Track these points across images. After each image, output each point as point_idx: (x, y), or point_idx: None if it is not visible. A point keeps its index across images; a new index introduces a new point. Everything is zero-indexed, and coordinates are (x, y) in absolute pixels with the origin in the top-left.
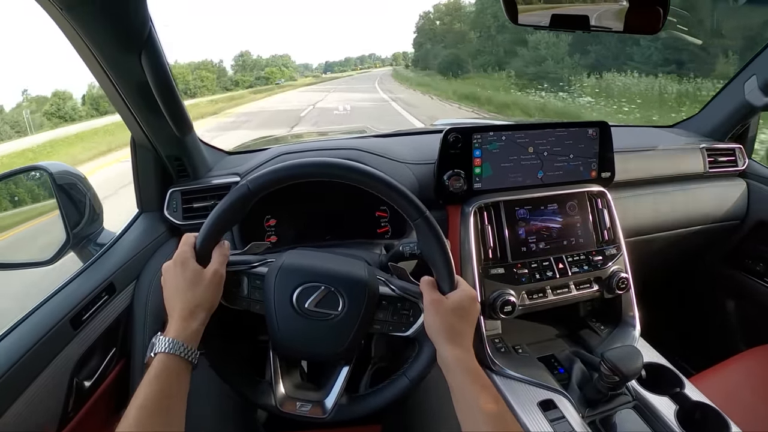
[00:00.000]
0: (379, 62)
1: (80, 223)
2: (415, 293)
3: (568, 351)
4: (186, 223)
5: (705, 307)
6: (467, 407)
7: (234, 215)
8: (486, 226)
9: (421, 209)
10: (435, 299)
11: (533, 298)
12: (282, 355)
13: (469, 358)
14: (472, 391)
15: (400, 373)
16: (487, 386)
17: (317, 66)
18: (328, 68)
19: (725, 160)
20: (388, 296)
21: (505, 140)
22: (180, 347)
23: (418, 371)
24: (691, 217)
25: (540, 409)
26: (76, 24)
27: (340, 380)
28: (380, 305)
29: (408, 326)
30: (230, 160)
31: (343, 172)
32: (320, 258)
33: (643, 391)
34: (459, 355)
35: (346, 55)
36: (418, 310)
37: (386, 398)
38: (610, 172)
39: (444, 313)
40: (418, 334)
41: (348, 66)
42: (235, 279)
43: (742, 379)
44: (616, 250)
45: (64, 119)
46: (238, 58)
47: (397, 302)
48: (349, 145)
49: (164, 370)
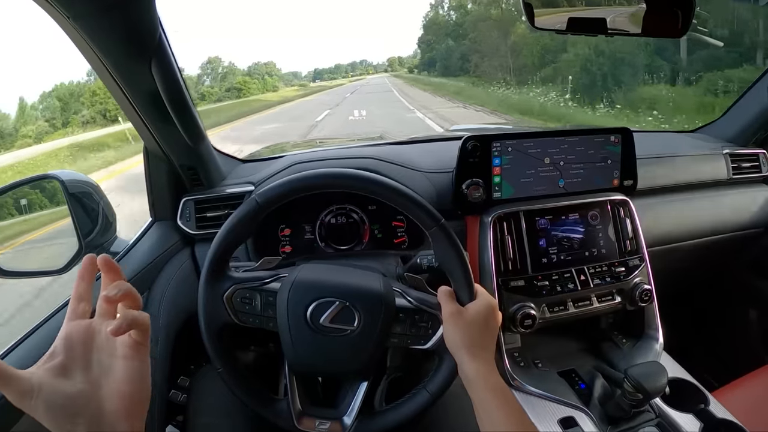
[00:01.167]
0: (371, 68)
1: (93, 232)
2: (433, 305)
3: (589, 366)
4: (199, 232)
5: (728, 317)
6: (490, 423)
7: (244, 230)
8: (506, 237)
9: (436, 217)
10: (454, 311)
11: (554, 311)
12: (298, 373)
13: (490, 373)
14: (495, 407)
15: (420, 387)
16: (510, 401)
17: (306, 74)
18: (317, 76)
19: (749, 165)
20: (405, 309)
21: (520, 151)
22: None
23: (438, 385)
24: (715, 226)
25: (560, 426)
26: (85, 33)
27: (358, 397)
28: (397, 318)
29: (427, 339)
30: (244, 168)
31: (353, 182)
32: (334, 272)
33: (666, 408)
34: (481, 369)
35: (336, 62)
36: (437, 321)
37: (406, 413)
38: (633, 180)
39: (464, 326)
40: (437, 346)
41: (338, 73)
42: (247, 296)
43: (766, 393)
44: (639, 261)
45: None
46: (205, 65)
47: (415, 314)
48: (365, 154)
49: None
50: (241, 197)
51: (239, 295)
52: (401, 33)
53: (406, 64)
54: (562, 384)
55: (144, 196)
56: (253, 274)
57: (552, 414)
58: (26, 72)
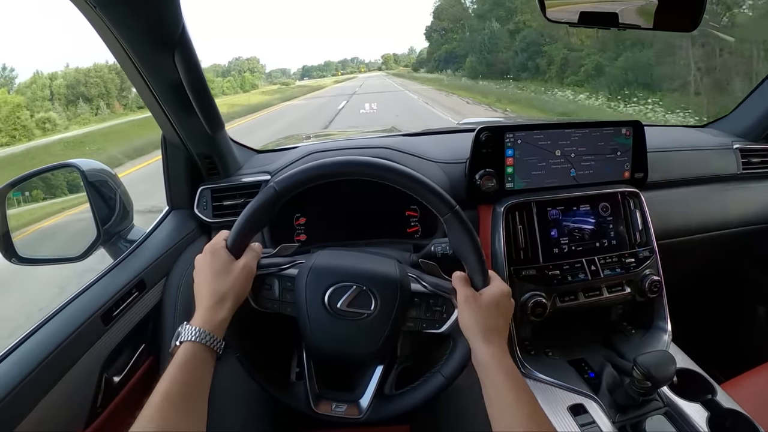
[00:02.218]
0: (363, 66)
1: (110, 220)
2: (447, 289)
3: (598, 355)
4: (216, 220)
5: (736, 312)
6: (500, 406)
7: (263, 217)
8: (517, 227)
9: (450, 203)
10: (468, 295)
11: (564, 300)
12: (315, 357)
13: (503, 356)
14: (507, 391)
15: (434, 370)
16: (522, 386)
17: (296, 71)
18: (305, 73)
19: (759, 161)
20: (420, 293)
21: (530, 144)
22: (206, 336)
23: (453, 368)
24: (725, 220)
25: (570, 413)
26: (110, 22)
27: (374, 380)
28: (413, 303)
29: (442, 323)
30: (260, 158)
31: (369, 170)
32: (351, 257)
33: (674, 397)
34: (494, 353)
35: (326, 59)
36: (451, 306)
37: (421, 397)
38: (644, 173)
39: (478, 310)
40: (452, 330)
41: (328, 71)
42: (266, 282)
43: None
44: (649, 253)
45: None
46: None
47: (430, 299)
48: (379, 144)
49: (190, 358)
50: (257, 186)
51: (258, 280)
52: (395, 30)
53: (401, 62)
54: (572, 372)
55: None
56: (272, 260)
57: (562, 401)
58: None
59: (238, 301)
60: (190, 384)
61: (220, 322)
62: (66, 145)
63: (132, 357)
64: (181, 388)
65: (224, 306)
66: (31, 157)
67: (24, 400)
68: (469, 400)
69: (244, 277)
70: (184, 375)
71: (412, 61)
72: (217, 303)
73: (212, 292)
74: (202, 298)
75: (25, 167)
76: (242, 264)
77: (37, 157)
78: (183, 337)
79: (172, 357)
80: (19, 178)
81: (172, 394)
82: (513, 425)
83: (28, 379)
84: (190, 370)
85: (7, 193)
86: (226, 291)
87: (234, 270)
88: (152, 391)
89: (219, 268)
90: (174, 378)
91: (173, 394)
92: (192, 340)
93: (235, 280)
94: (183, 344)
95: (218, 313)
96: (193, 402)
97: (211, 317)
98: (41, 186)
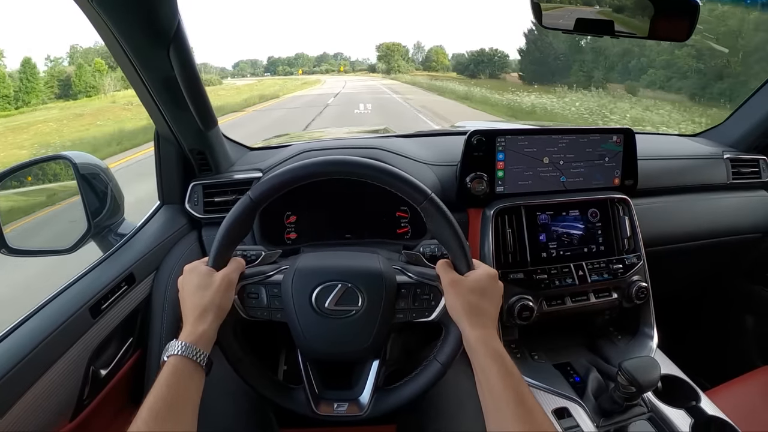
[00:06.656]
0: (346, 63)
1: (101, 213)
2: (432, 277)
3: (584, 360)
4: (207, 216)
5: (723, 321)
6: (489, 389)
7: (242, 227)
8: (506, 230)
9: (425, 192)
10: (453, 279)
11: (551, 304)
12: (311, 359)
13: (491, 339)
14: (496, 373)
15: (430, 359)
16: (511, 368)
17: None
18: (270, 67)
19: (749, 170)
20: (406, 284)
21: (515, 152)
22: (191, 350)
23: (447, 354)
24: (713, 228)
25: (554, 417)
26: (106, 17)
27: (371, 375)
28: (400, 294)
29: (431, 311)
30: (253, 155)
31: (341, 168)
32: (333, 256)
33: (658, 403)
34: (482, 336)
35: (297, 51)
36: (438, 293)
37: (421, 386)
38: (634, 180)
39: (464, 293)
40: (442, 316)
41: (297, 66)
42: (253, 291)
43: (757, 395)
44: (637, 259)
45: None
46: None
47: (416, 288)
48: (370, 144)
49: (175, 372)
50: (248, 183)
51: (245, 290)
52: (394, 19)
53: (411, 62)
54: (557, 376)
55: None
56: (256, 269)
57: (546, 404)
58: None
59: (220, 313)
60: (176, 397)
61: (203, 334)
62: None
63: (119, 350)
64: (167, 401)
65: (206, 319)
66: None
67: (10, 390)
68: (457, 398)
69: (224, 288)
70: (169, 389)
71: (441, 63)
72: (199, 316)
73: (194, 307)
74: (186, 314)
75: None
76: (221, 275)
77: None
78: (169, 352)
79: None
80: (7, 171)
81: (159, 408)
82: (500, 409)
83: (14, 370)
84: (174, 383)
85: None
86: (207, 304)
87: (213, 283)
88: (139, 386)
89: (198, 283)
90: (160, 392)
91: (160, 407)
92: (177, 354)
93: (215, 292)
94: (169, 358)
95: (200, 326)
96: (179, 415)
97: (193, 330)
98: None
